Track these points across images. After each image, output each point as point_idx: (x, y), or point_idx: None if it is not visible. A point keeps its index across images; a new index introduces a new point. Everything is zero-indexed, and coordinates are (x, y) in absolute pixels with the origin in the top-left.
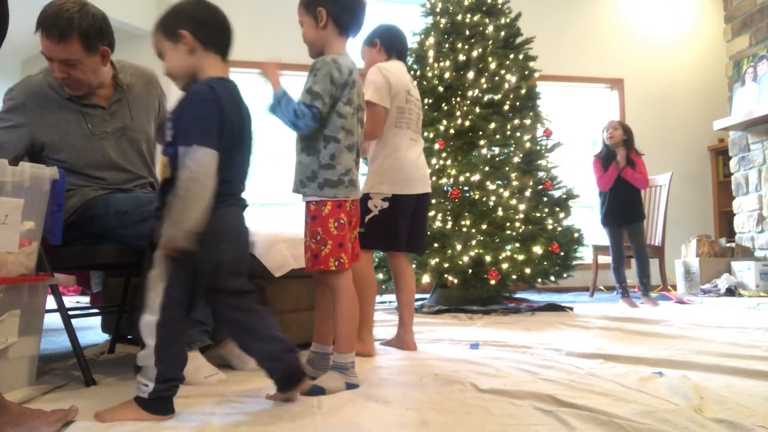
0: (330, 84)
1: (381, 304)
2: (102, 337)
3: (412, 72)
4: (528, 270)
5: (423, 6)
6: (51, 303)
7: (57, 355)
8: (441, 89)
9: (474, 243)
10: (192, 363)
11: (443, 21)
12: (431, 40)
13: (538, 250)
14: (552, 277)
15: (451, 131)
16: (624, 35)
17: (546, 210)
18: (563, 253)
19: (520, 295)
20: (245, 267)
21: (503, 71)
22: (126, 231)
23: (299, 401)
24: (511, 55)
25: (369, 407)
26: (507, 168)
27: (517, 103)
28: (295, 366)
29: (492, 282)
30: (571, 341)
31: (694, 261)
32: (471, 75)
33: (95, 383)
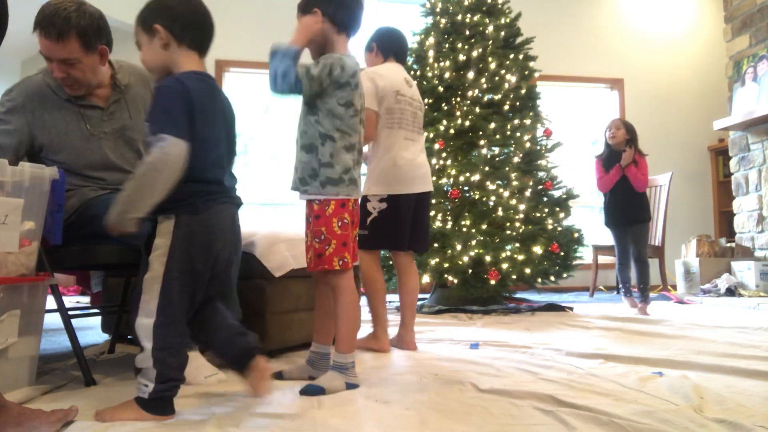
0: (326, 76)
1: None
2: (102, 337)
3: (412, 72)
4: (528, 270)
5: (423, 6)
6: (51, 303)
7: (57, 355)
8: (441, 89)
9: (474, 243)
10: (192, 363)
11: (443, 21)
12: (431, 40)
13: (538, 250)
14: (552, 277)
15: (451, 131)
16: (624, 35)
17: (546, 210)
18: (563, 253)
19: (520, 295)
20: (228, 269)
21: (503, 71)
22: None
23: (299, 400)
24: (511, 55)
25: (369, 407)
26: (507, 168)
27: (517, 103)
28: (248, 346)
29: (492, 282)
30: (571, 341)
31: (694, 261)
32: (471, 75)
33: (95, 383)
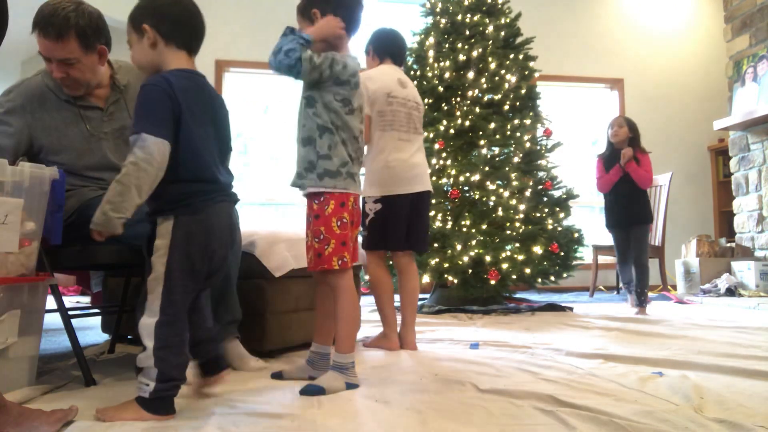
0: (327, 67)
1: None
2: (102, 337)
3: (411, 72)
4: (528, 270)
5: (423, 6)
6: (51, 303)
7: (57, 355)
8: (441, 89)
9: (474, 243)
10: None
11: (443, 21)
12: (431, 40)
13: (538, 250)
14: (552, 277)
15: (451, 131)
16: (624, 35)
17: (546, 210)
18: (563, 253)
19: (520, 295)
20: (222, 266)
21: (503, 71)
22: (125, 231)
23: (299, 400)
24: (511, 55)
25: (369, 407)
26: (507, 168)
27: (517, 103)
28: (220, 355)
29: (492, 282)
30: (571, 341)
31: (694, 261)
32: (471, 75)
33: (95, 383)
